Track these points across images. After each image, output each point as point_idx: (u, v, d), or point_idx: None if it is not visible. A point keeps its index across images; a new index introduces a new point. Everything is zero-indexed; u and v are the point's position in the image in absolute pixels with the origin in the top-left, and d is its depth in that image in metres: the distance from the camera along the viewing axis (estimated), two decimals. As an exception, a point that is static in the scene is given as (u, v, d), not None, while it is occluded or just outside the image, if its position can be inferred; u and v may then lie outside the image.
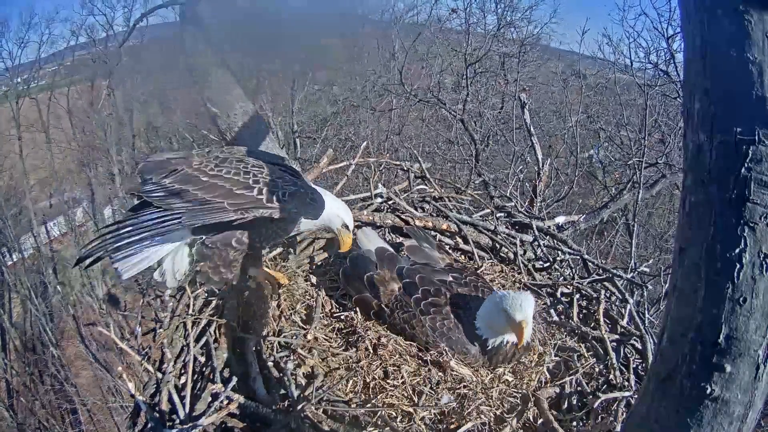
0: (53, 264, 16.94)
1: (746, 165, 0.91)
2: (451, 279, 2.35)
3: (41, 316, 14.18)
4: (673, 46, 6.28)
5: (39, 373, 13.71)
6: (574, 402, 2.11)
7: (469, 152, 7.91)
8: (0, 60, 17.49)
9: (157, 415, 1.91)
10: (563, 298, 2.73)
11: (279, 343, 2.19)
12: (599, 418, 2.01)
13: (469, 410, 1.97)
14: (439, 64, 9.77)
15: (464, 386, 2.05)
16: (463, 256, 3.06)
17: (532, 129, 4.42)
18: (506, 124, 8.07)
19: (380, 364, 2.11)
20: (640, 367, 2.33)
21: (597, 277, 2.87)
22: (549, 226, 3.49)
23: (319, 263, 2.81)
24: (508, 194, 4.04)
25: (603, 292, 2.73)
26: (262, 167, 2.19)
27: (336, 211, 2.34)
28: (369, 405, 1.94)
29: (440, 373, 2.10)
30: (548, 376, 2.20)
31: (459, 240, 3.12)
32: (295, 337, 2.22)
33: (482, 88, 8.90)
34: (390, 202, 3.21)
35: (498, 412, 2.00)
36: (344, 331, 2.31)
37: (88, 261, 1.97)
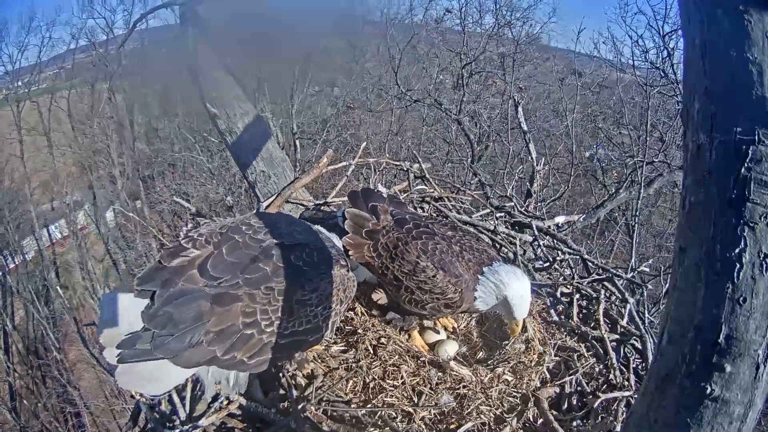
0: (55, 267, 16.99)
1: (746, 165, 0.90)
2: (431, 220, 2.38)
3: (43, 320, 14.20)
4: (670, 44, 6.30)
5: (42, 376, 13.74)
6: (574, 402, 2.11)
7: (466, 153, 7.92)
8: (0, 64, 17.56)
9: (158, 416, 1.91)
10: (563, 298, 2.73)
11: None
12: (599, 418, 2.01)
13: (469, 410, 1.96)
14: (437, 64, 9.80)
15: (464, 386, 2.05)
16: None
17: (526, 128, 4.42)
18: (503, 124, 8.10)
19: (380, 364, 2.10)
20: (640, 367, 2.32)
21: (597, 277, 2.86)
22: (549, 226, 3.49)
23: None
24: (507, 194, 4.04)
25: (603, 292, 2.73)
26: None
27: None
28: (369, 405, 1.94)
29: (440, 373, 2.10)
30: (548, 376, 2.19)
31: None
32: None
33: (479, 88, 8.92)
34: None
35: (498, 412, 1.99)
36: (344, 331, 2.31)
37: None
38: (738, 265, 0.92)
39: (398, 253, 2.17)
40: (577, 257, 3.10)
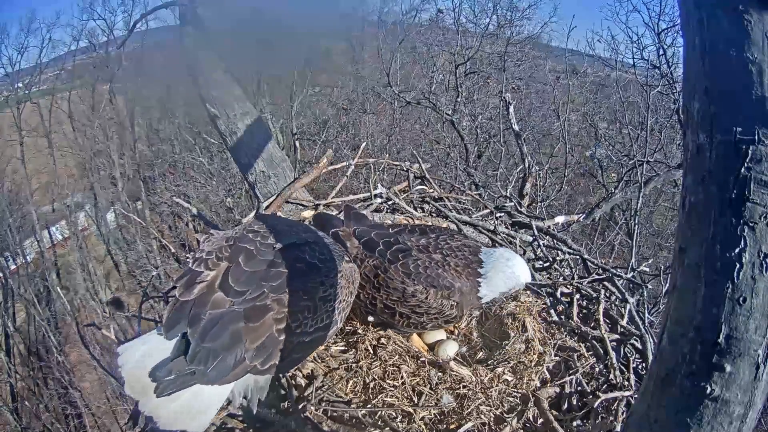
0: (56, 268, 17.01)
1: (746, 165, 0.90)
2: (398, 230, 2.29)
3: (44, 321, 14.22)
4: (666, 40, 6.32)
5: (43, 377, 13.77)
6: (574, 402, 2.10)
7: (461, 153, 7.94)
8: (0, 66, 17.58)
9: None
10: (563, 298, 2.72)
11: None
12: (599, 418, 2.00)
13: (469, 410, 1.96)
14: (432, 64, 9.83)
15: (464, 386, 2.05)
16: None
17: (517, 128, 4.41)
18: (498, 124, 8.13)
19: (380, 364, 2.10)
20: (640, 367, 2.31)
21: (597, 277, 2.85)
22: (549, 226, 3.48)
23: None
24: (506, 194, 4.04)
25: (603, 291, 2.72)
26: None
27: None
28: (369, 405, 1.94)
29: (440, 373, 2.10)
30: (548, 376, 2.19)
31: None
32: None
33: (474, 88, 8.93)
34: (390, 203, 3.21)
35: (498, 412, 1.99)
36: (344, 331, 2.31)
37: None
38: (738, 265, 0.92)
39: (381, 282, 2.07)
40: (577, 257, 3.09)
